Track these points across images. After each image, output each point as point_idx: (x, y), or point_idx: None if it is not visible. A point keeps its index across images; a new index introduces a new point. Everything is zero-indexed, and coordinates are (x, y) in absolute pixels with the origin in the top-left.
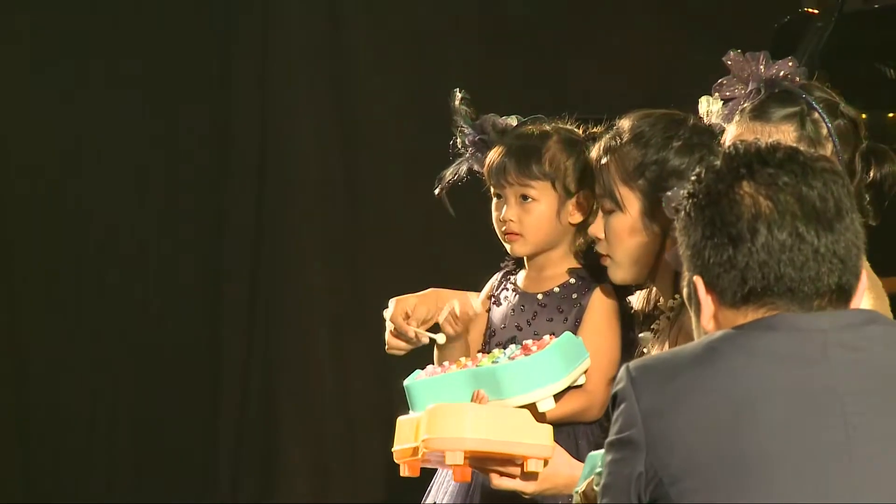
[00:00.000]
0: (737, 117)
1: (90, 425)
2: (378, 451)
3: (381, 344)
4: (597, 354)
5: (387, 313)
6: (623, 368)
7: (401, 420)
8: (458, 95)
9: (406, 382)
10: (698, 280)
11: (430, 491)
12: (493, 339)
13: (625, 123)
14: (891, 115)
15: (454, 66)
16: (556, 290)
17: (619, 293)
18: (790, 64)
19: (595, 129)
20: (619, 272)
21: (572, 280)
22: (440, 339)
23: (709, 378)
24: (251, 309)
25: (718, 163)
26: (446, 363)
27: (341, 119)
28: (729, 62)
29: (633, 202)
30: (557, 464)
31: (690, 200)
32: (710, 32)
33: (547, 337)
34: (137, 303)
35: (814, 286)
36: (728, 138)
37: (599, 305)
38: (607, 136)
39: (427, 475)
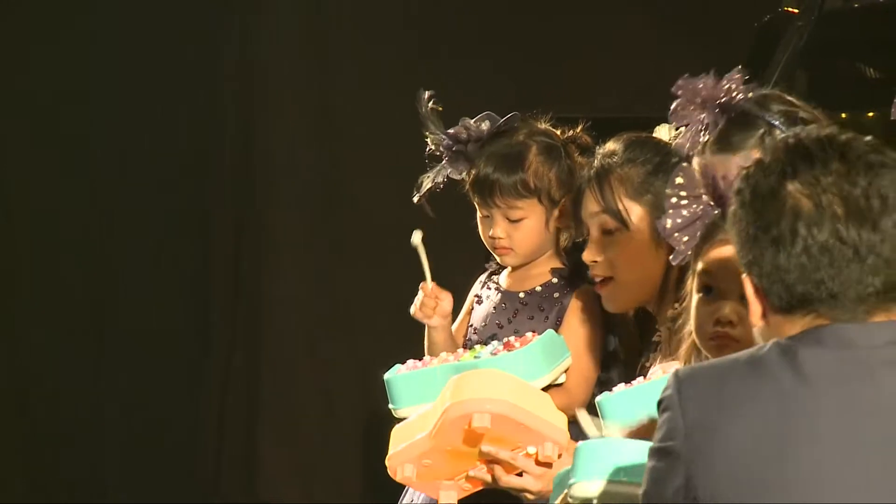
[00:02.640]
0: (699, 148)
1: (85, 426)
2: (360, 450)
3: (362, 344)
4: (577, 354)
5: None
6: (672, 375)
7: (398, 427)
8: (426, 97)
9: (386, 376)
10: (748, 279)
11: (406, 490)
12: (473, 337)
13: (611, 146)
14: (870, 114)
15: (441, 66)
16: (538, 289)
17: None
18: (737, 76)
19: (573, 131)
20: (623, 294)
21: (555, 280)
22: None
23: (756, 398)
24: (233, 311)
25: (767, 158)
26: (427, 357)
27: (322, 121)
28: (679, 91)
29: (641, 217)
30: (564, 463)
31: (739, 197)
32: (689, 32)
33: (529, 334)
34: (122, 304)
35: (855, 291)
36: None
37: (581, 305)
38: (597, 159)
39: None
